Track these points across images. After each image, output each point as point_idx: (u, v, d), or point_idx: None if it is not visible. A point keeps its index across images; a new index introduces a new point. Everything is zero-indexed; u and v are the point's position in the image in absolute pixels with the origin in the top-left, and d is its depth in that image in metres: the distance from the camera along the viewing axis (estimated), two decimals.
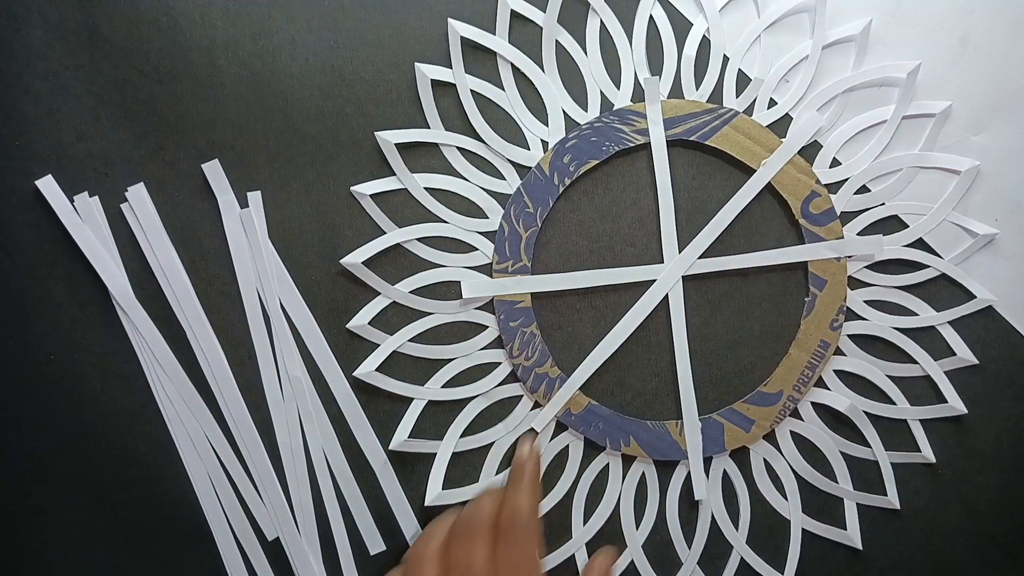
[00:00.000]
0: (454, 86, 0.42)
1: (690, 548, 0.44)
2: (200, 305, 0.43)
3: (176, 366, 0.43)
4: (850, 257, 0.43)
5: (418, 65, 0.42)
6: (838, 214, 0.43)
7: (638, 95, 0.43)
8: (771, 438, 0.44)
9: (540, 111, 0.43)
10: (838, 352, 0.43)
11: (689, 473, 0.43)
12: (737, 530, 0.44)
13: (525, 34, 0.43)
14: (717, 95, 0.43)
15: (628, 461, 0.44)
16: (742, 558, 0.44)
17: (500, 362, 0.44)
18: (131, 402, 0.43)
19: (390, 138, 0.42)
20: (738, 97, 0.43)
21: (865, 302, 0.43)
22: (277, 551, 0.44)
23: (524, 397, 0.44)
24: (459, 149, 0.43)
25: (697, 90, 0.43)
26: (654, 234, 0.43)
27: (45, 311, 0.43)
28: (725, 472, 0.44)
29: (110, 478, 0.43)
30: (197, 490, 0.44)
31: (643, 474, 0.44)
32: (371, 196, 0.42)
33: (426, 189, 0.43)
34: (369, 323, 0.43)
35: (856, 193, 0.43)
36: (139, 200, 0.42)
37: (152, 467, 0.44)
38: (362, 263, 0.42)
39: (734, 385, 0.44)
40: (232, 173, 0.43)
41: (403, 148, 0.42)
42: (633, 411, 0.44)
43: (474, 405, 0.44)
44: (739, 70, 0.43)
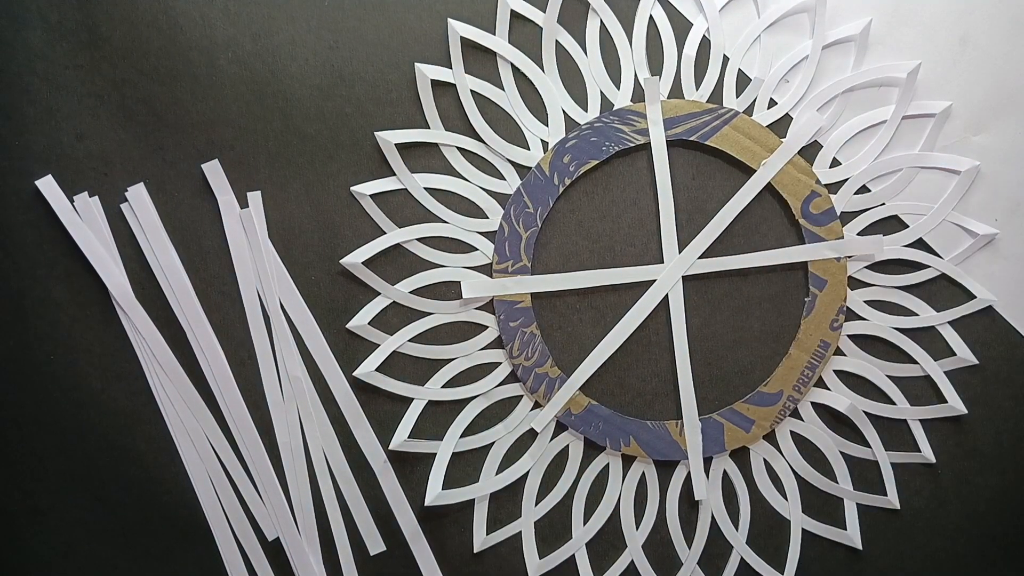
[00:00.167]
0: (454, 86, 0.42)
1: (690, 548, 0.44)
2: (200, 305, 0.43)
3: (176, 366, 0.43)
4: (850, 257, 0.43)
5: (418, 65, 0.42)
6: (838, 214, 0.43)
7: (638, 95, 0.43)
8: (771, 438, 0.44)
9: (540, 111, 0.43)
10: (838, 352, 0.43)
11: (689, 473, 0.43)
12: (737, 530, 0.44)
13: (525, 34, 0.43)
14: (717, 95, 0.43)
15: (628, 461, 0.44)
16: (742, 558, 0.44)
17: (500, 362, 0.44)
18: (131, 402, 0.43)
19: (390, 138, 0.42)
20: (738, 97, 0.43)
21: (865, 302, 0.43)
22: (277, 551, 0.44)
23: (524, 397, 0.44)
24: (459, 149, 0.43)
25: (697, 90, 0.43)
26: (654, 234, 0.43)
27: (45, 311, 0.43)
28: (725, 472, 0.44)
29: (110, 478, 0.43)
30: (197, 490, 0.44)
31: (643, 474, 0.44)
32: (371, 196, 0.42)
33: (426, 189, 0.43)
34: (369, 323, 0.43)
35: (856, 193, 0.43)
36: (139, 200, 0.42)
37: (152, 467, 0.44)
38: (362, 263, 0.42)
39: (734, 385, 0.44)
40: (232, 173, 0.43)
41: (403, 148, 0.42)
42: (633, 411, 0.44)
43: (474, 405, 0.44)
44: (739, 70, 0.43)
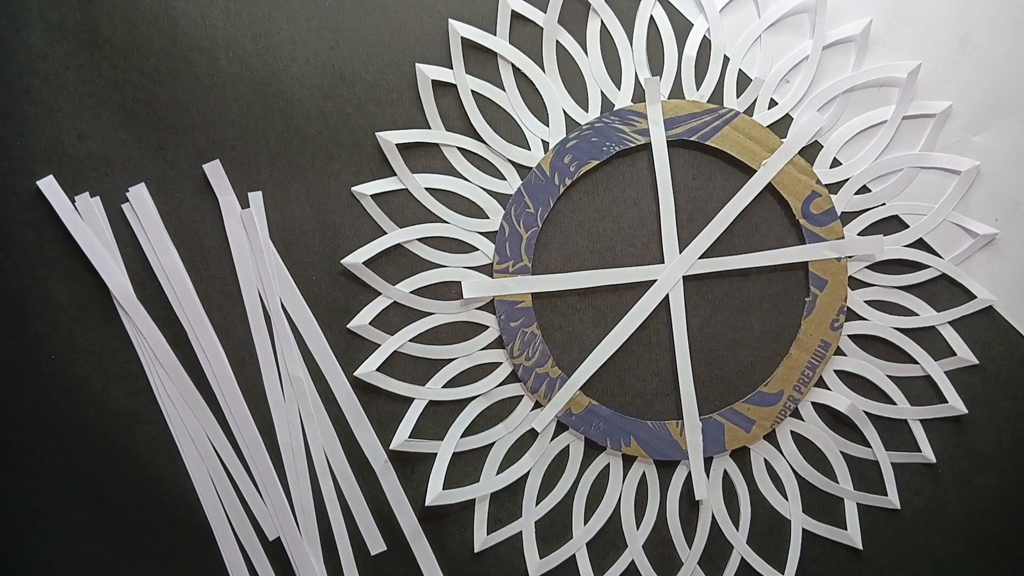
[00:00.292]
0: (455, 86, 0.42)
1: (690, 548, 0.44)
2: (201, 305, 0.43)
3: (177, 366, 0.43)
4: (851, 257, 0.43)
5: (419, 65, 0.42)
6: (839, 214, 0.43)
7: (639, 95, 0.43)
8: (771, 438, 0.44)
9: (541, 111, 0.43)
10: (838, 352, 0.43)
11: (689, 473, 0.43)
12: (737, 530, 0.44)
13: (526, 34, 0.43)
14: (718, 95, 0.43)
15: (628, 461, 0.44)
16: (742, 558, 0.44)
17: (501, 362, 0.44)
18: (131, 402, 0.43)
19: (391, 138, 0.42)
20: (739, 97, 0.43)
21: (866, 302, 0.43)
22: (278, 551, 0.44)
23: (525, 397, 0.44)
24: (460, 149, 0.43)
25: (698, 90, 0.43)
26: (654, 234, 0.43)
27: (45, 311, 0.43)
28: (725, 472, 0.44)
29: (110, 478, 0.43)
30: (198, 490, 0.44)
31: (643, 474, 0.44)
32: (372, 196, 0.42)
33: (427, 189, 0.43)
34: (370, 323, 0.43)
35: (857, 193, 0.43)
36: (140, 200, 0.42)
37: (152, 467, 0.44)
38: (363, 263, 0.42)
39: (734, 385, 0.44)
40: (233, 173, 0.43)
41: (404, 148, 0.42)
42: (633, 411, 0.44)
43: (475, 405, 0.44)
44: (739, 70, 0.43)
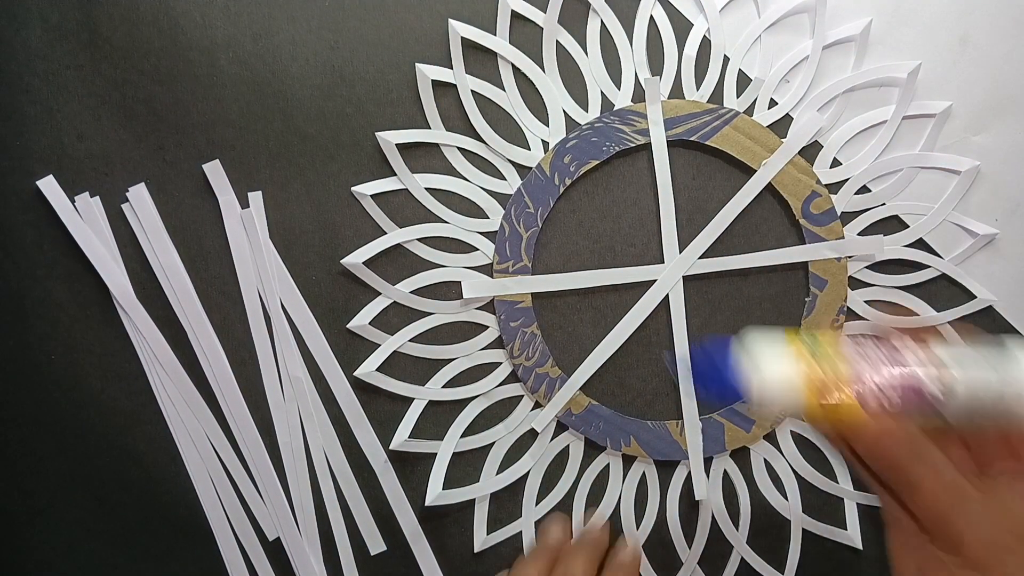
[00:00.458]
0: (455, 86, 0.42)
1: (690, 548, 0.44)
2: (201, 305, 0.43)
3: (177, 366, 0.43)
4: (851, 257, 0.43)
5: (419, 65, 0.42)
6: (839, 214, 0.43)
7: (638, 95, 0.43)
8: (771, 438, 0.44)
9: (541, 111, 0.43)
10: None
11: (689, 473, 0.43)
12: (737, 530, 0.44)
13: (526, 34, 0.42)
14: (717, 95, 0.43)
15: (628, 461, 0.44)
16: (742, 558, 0.44)
17: (501, 362, 0.44)
18: (131, 402, 0.43)
19: (391, 138, 0.42)
20: (738, 97, 0.43)
21: (865, 302, 0.43)
22: (278, 551, 0.44)
23: (524, 397, 0.44)
24: (460, 149, 0.43)
25: (698, 90, 0.43)
26: (654, 234, 0.43)
27: (45, 311, 0.43)
28: (725, 472, 0.44)
29: (110, 478, 0.43)
30: (198, 490, 0.44)
31: (643, 474, 0.44)
32: (372, 196, 0.42)
33: (427, 189, 0.43)
34: (370, 323, 0.43)
35: (856, 193, 0.43)
36: (140, 200, 0.42)
37: (152, 467, 0.44)
38: (363, 263, 0.42)
39: None
40: (233, 173, 0.43)
41: (404, 148, 0.42)
42: (633, 411, 0.44)
43: (474, 405, 0.44)
44: (739, 70, 0.43)
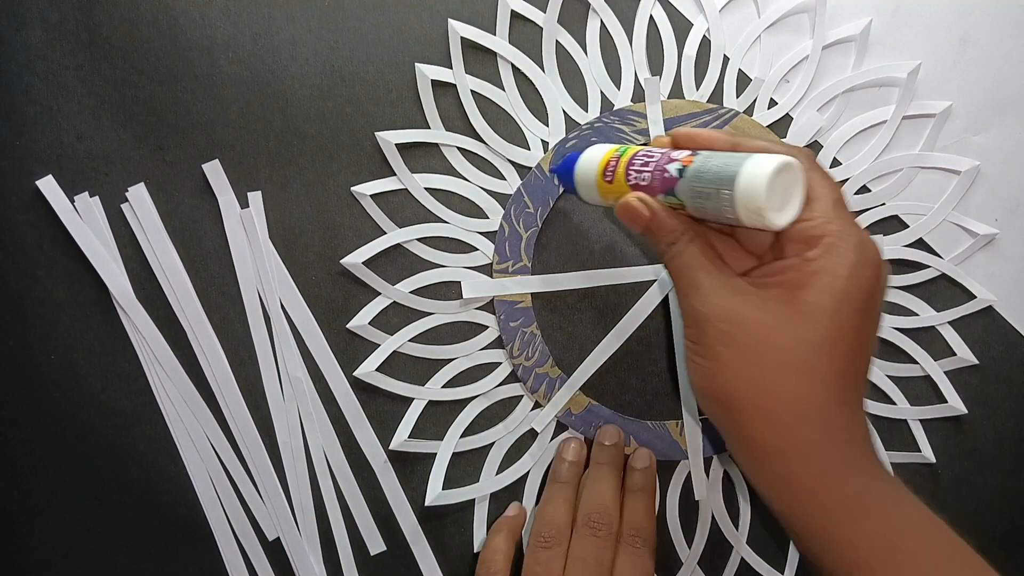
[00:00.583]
0: (454, 86, 0.42)
1: (690, 548, 0.44)
2: (200, 305, 0.43)
3: (176, 366, 0.43)
4: None
5: (418, 65, 0.42)
6: None
7: (638, 95, 0.43)
8: None
9: (540, 111, 0.43)
10: None
11: (689, 473, 0.43)
12: (737, 530, 0.44)
13: (525, 34, 0.42)
14: (717, 95, 0.43)
15: None
16: (742, 558, 0.44)
17: (500, 362, 0.44)
18: (131, 402, 0.43)
19: (390, 138, 0.42)
20: (738, 97, 0.43)
21: None
22: (278, 551, 0.44)
23: (524, 397, 0.44)
24: (459, 149, 0.43)
25: (697, 90, 0.43)
26: None
27: (45, 311, 0.43)
28: (725, 472, 0.44)
29: (110, 478, 0.43)
30: (197, 490, 0.44)
31: None
32: (371, 196, 0.42)
33: (426, 189, 0.43)
34: (369, 323, 0.43)
35: (856, 193, 0.43)
36: (140, 200, 0.42)
37: (152, 467, 0.44)
38: (362, 263, 0.42)
39: None
40: (232, 173, 0.43)
41: (403, 148, 0.42)
42: (633, 411, 0.44)
43: (474, 405, 0.44)
44: (739, 70, 0.43)
